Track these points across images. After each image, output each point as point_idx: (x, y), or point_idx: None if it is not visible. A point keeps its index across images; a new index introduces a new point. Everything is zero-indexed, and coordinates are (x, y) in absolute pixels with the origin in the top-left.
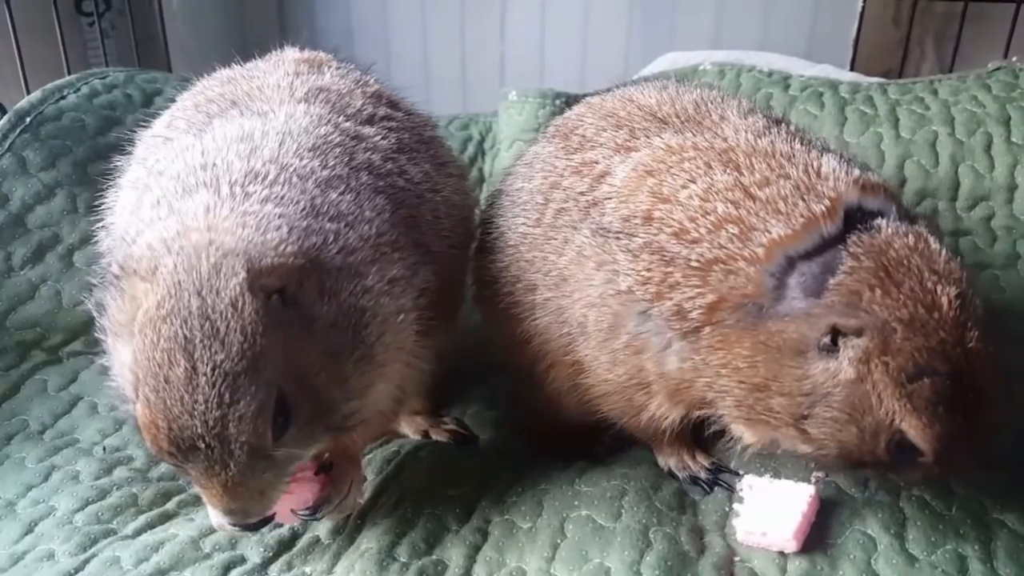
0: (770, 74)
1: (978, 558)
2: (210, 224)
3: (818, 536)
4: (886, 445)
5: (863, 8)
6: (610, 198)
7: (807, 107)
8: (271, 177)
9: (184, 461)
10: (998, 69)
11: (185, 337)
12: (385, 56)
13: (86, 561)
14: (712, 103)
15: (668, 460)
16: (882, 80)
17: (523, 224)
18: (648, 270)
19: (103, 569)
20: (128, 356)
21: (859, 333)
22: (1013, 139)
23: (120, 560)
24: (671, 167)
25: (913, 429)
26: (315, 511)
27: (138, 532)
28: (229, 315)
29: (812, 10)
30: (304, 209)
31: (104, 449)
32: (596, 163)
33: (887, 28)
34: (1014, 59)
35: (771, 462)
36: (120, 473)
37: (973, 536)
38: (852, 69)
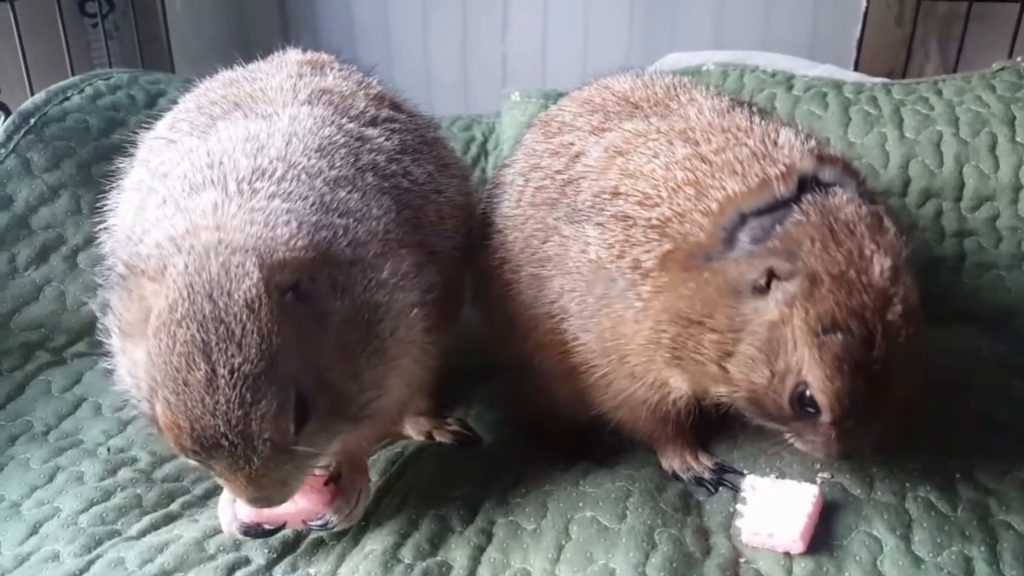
0: (773, 74)
1: (984, 560)
2: (219, 222)
3: (823, 537)
4: (790, 395)
5: (867, 8)
6: (584, 177)
7: (811, 107)
8: (279, 174)
9: (208, 458)
10: (1002, 69)
11: (202, 340)
12: (387, 57)
13: (91, 562)
14: (682, 88)
15: (671, 462)
16: (886, 80)
17: (507, 206)
18: (612, 235)
19: (108, 570)
20: (140, 356)
21: (790, 277)
22: (1018, 139)
23: (125, 561)
24: (637, 147)
25: (815, 380)
26: (326, 522)
27: (143, 533)
28: (244, 317)
29: (815, 10)
30: (313, 204)
31: (108, 450)
32: (572, 144)
33: (890, 28)
34: (1019, 59)
35: (776, 462)
36: (124, 474)
37: (979, 538)
38: (856, 69)
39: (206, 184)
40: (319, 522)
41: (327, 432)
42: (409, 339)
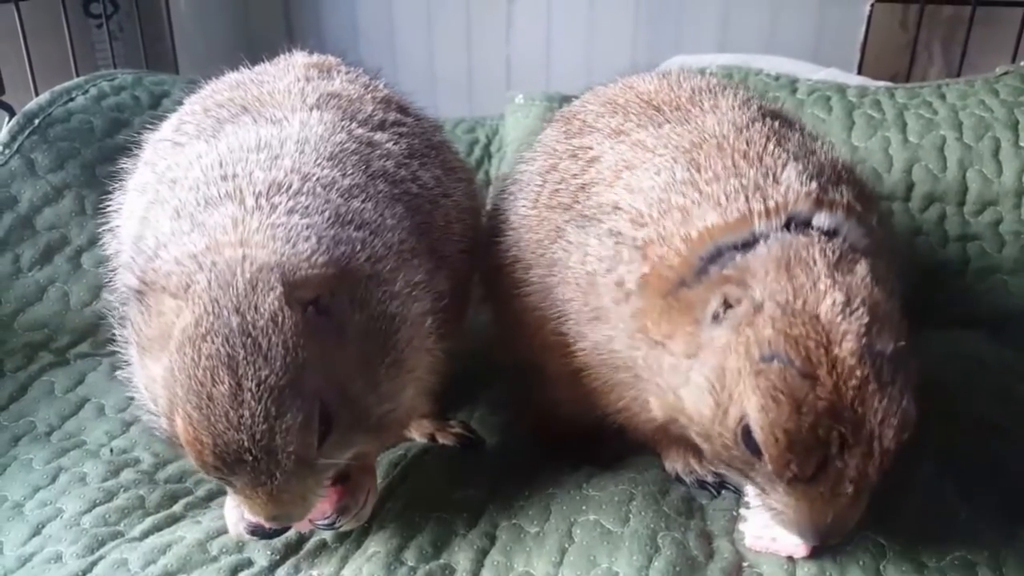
0: (777, 78)
1: (987, 565)
2: (241, 238)
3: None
4: (734, 428)
5: (870, 11)
6: (596, 183)
7: (815, 111)
8: (294, 187)
9: (230, 474)
10: (1006, 73)
11: (228, 355)
12: (391, 59)
13: (94, 563)
14: (708, 93)
15: (675, 464)
16: (889, 84)
17: (523, 206)
18: (606, 249)
19: (111, 571)
20: (158, 372)
21: (738, 304)
22: (1021, 144)
23: (128, 562)
24: (644, 162)
25: (751, 409)
26: (333, 521)
27: (145, 534)
28: (270, 330)
29: (819, 13)
30: (330, 219)
31: (111, 451)
32: (590, 148)
33: (894, 32)
34: (1022, 63)
35: None
36: (127, 475)
37: (982, 543)
38: (859, 73)
39: (222, 198)
40: (326, 522)
41: (346, 444)
42: (424, 348)
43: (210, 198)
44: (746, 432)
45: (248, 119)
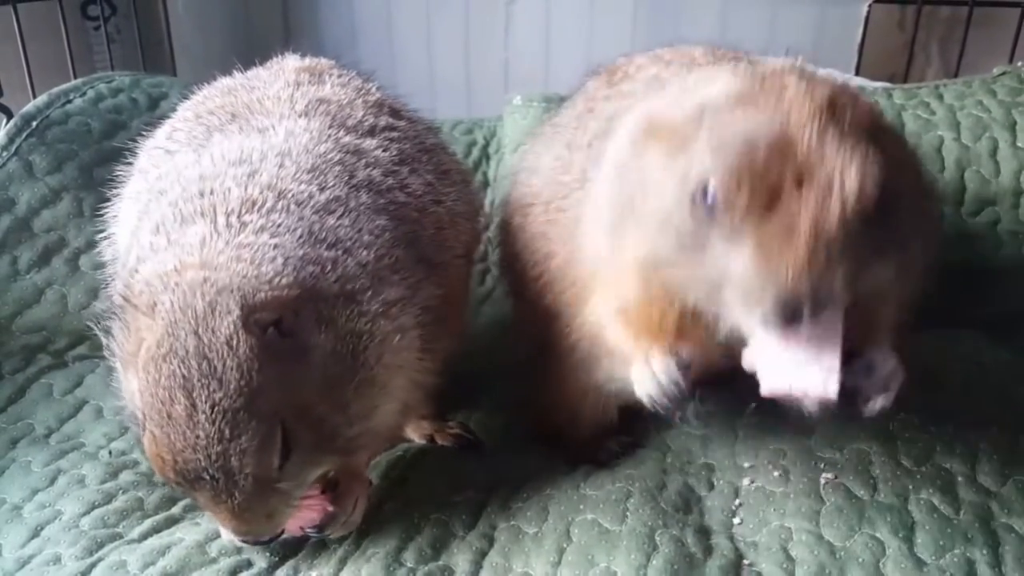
0: None
1: (987, 563)
2: (205, 260)
3: (825, 540)
4: (694, 191)
5: (868, 12)
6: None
7: None
8: (268, 205)
9: (191, 490)
10: (1003, 74)
11: (184, 376)
12: (389, 61)
13: (92, 565)
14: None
15: (643, 375)
16: (887, 85)
17: (560, 146)
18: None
19: (110, 573)
20: (134, 386)
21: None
22: (1019, 144)
23: (127, 564)
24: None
25: (708, 157)
26: (321, 529)
27: (144, 536)
28: (225, 354)
29: (817, 14)
30: (301, 237)
31: (110, 453)
32: (633, 94)
33: (892, 32)
34: (1020, 64)
35: (779, 459)
36: (126, 477)
37: (981, 541)
38: (857, 73)
39: (195, 216)
40: (316, 529)
41: (312, 464)
42: (397, 364)
43: (185, 215)
44: (704, 190)
45: (235, 128)
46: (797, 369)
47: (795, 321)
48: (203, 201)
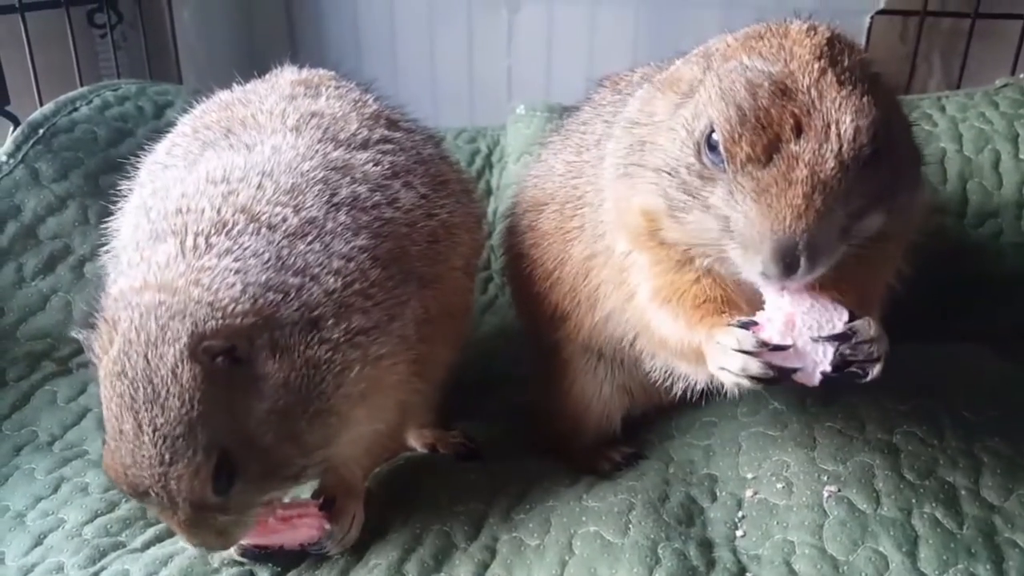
0: None
1: None
2: (163, 281)
3: (828, 554)
4: (699, 139)
5: (870, 23)
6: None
7: None
8: (239, 227)
9: (143, 502)
10: (1006, 86)
11: (132, 397)
12: (392, 69)
13: (95, 574)
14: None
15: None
16: None
17: (570, 152)
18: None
19: None
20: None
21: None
22: (1021, 156)
23: (129, 573)
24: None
25: (712, 107)
26: (321, 547)
27: (147, 545)
28: (169, 380)
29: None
30: (268, 262)
31: None
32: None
33: (894, 44)
34: (1022, 76)
35: (782, 470)
36: None
37: (985, 555)
38: None
39: (167, 234)
40: (315, 548)
41: (262, 492)
42: (359, 394)
43: (159, 232)
44: (708, 137)
45: (227, 144)
46: (799, 340)
47: (792, 270)
48: (177, 220)
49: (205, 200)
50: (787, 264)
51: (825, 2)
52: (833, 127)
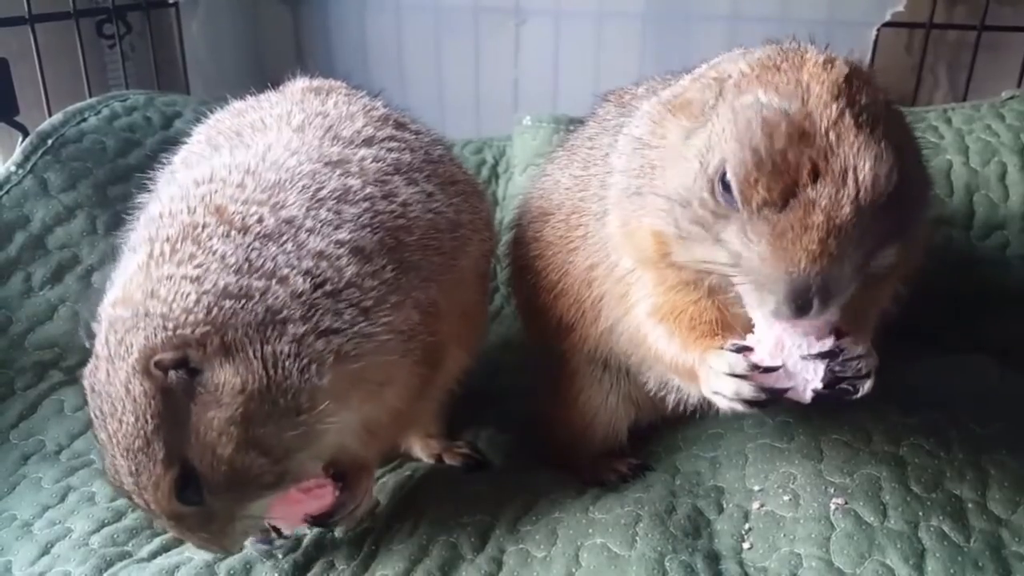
0: None
1: None
2: (126, 295)
3: (835, 567)
4: (713, 176)
5: (876, 35)
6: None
7: None
8: (208, 230)
9: (134, 506)
10: (1012, 98)
11: (100, 410)
12: (399, 80)
13: None
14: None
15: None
16: None
17: (577, 167)
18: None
19: None
20: None
21: (728, 77)
22: None
23: None
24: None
25: (727, 146)
26: (330, 516)
27: (153, 555)
28: (123, 395)
29: (826, 37)
30: (231, 266)
31: None
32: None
33: (900, 56)
34: None
35: (788, 483)
36: None
37: (992, 569)
38: None
39: (142, 242)
40: (325, 517)
41: (239, 501)
42: (328, 390)
43: (138, 241)
44: (723, 177)
45: (228, 147)
46: (789, 360)
47: (805, 311)
48: (152, 226)
49: (184, 203)
50: (799, 306)
51: (831, 15)
52: (851, 173)
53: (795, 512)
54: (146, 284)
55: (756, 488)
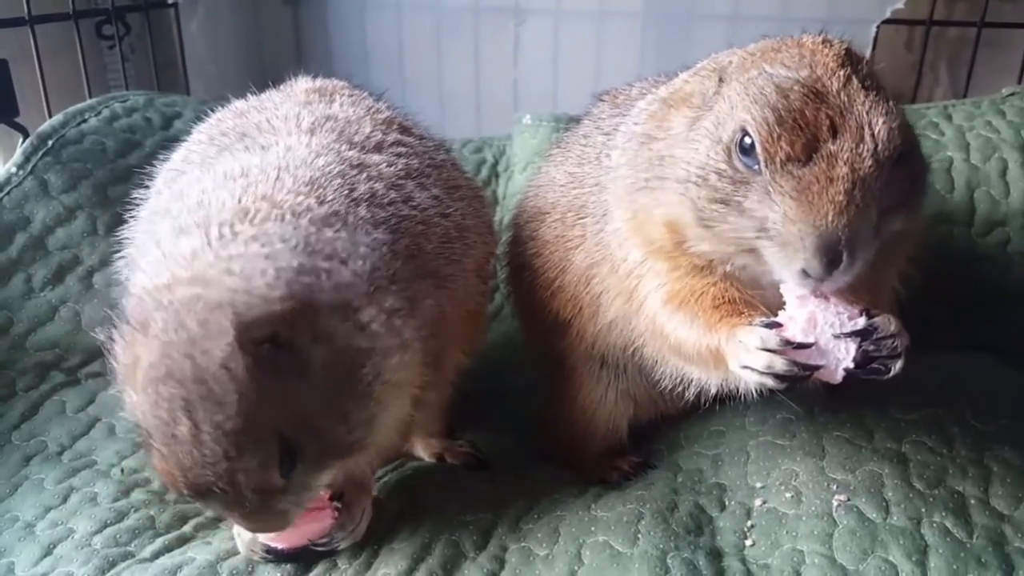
0: None
1: None
2: (195, 274)
3: (838, 563)
4: (729, 143)
5: (876, 32)
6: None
7: None
8: (262, 214)
9: (204, 501)
10: (1012, 94)
11: (184, 399)
12: (400, 80)
13: None
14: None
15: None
16: None
17: (572, 163)
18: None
19: None
20: (132, 401)
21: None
22: None
23: None
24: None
25: (744, 111)
26: (331, 540)
27: (156, 555)
28: (222, 376)
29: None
30: (296, 247)
31: (122, 471)
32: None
33: (900, 52)
34: None
35: (791, 480)
36: (138, 495)
37: (995, 565)
38: None
39: (190, 228)
40: (324, 542)
41: (318, 471)
42: (395, 382)
43: (182, 227)
44: (740, 142)
45: (241, 147)
46: (822, 338)
47: (835, 265)
48: (199, 212)
49: (225, 193)
50: (830, 260)
51: (831, 11)
52: (867, 128)
53: (797, 509)
54: (217, 263)
55: (758, 485)
